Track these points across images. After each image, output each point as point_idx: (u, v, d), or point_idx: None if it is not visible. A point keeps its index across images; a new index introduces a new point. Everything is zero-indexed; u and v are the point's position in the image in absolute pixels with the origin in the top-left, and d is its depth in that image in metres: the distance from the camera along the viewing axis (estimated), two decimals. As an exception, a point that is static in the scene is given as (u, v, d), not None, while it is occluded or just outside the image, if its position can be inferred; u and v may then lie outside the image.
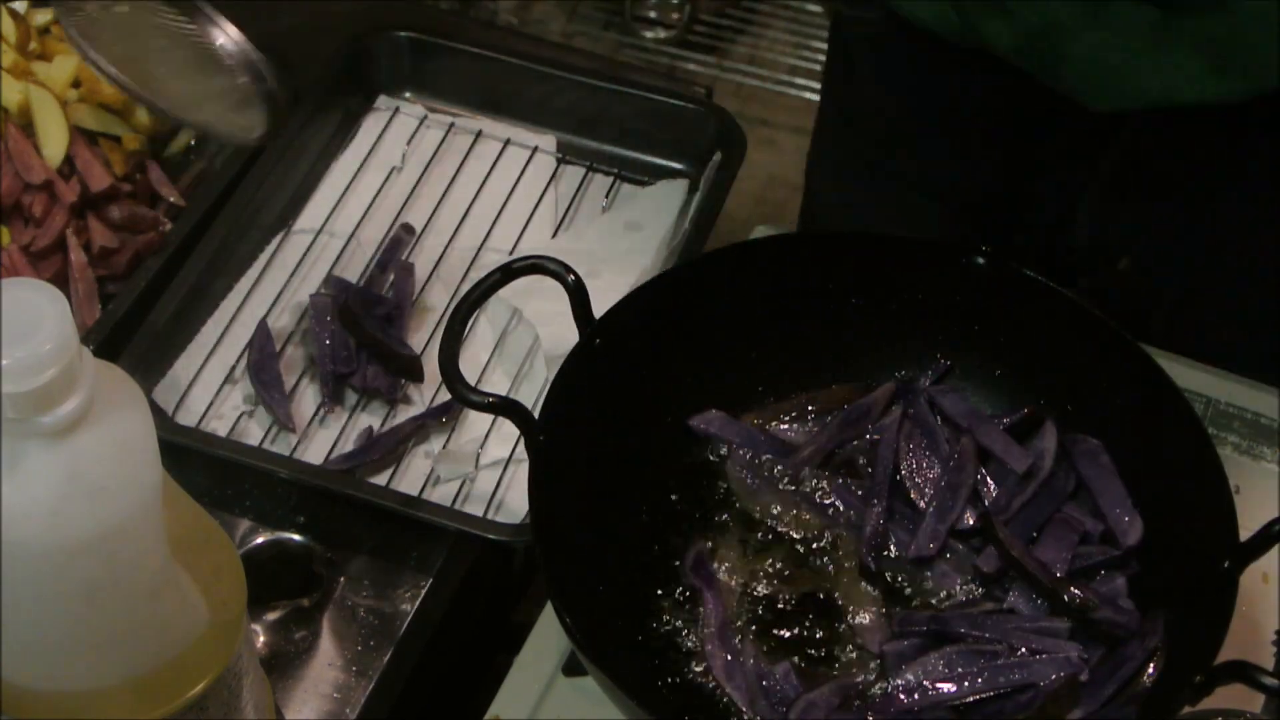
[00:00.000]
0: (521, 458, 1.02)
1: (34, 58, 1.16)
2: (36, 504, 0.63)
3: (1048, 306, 0.92)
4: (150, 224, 1.10)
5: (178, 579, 0.70)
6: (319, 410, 1.04)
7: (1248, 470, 1.00)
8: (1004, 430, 0.92)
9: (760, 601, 0.89)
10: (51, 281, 1.05)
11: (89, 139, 1.13)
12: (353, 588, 0.97)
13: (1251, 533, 0.81)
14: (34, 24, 1.18)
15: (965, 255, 0.93)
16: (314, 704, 0.93)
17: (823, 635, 0.87)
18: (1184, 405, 0.87)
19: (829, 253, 0.96)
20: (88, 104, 1.14)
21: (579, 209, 1.18)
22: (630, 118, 1.19)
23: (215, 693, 0.75)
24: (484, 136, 1.21)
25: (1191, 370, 1.04)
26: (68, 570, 0.65)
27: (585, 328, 0.90)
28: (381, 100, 1.22)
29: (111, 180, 1.10)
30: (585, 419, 0.89)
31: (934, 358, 0.96)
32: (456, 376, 0.85)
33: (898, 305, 0.95)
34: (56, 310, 0.61)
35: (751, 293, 0.95)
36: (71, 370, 0.61)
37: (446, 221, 1.16)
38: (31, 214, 1.08)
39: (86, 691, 0.70)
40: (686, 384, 0.94)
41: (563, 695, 0.91)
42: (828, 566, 0.90)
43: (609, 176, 1.19)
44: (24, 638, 0.68)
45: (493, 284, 0.87)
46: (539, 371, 1.06)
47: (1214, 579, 0.80)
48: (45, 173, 1.09)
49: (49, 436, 0.62)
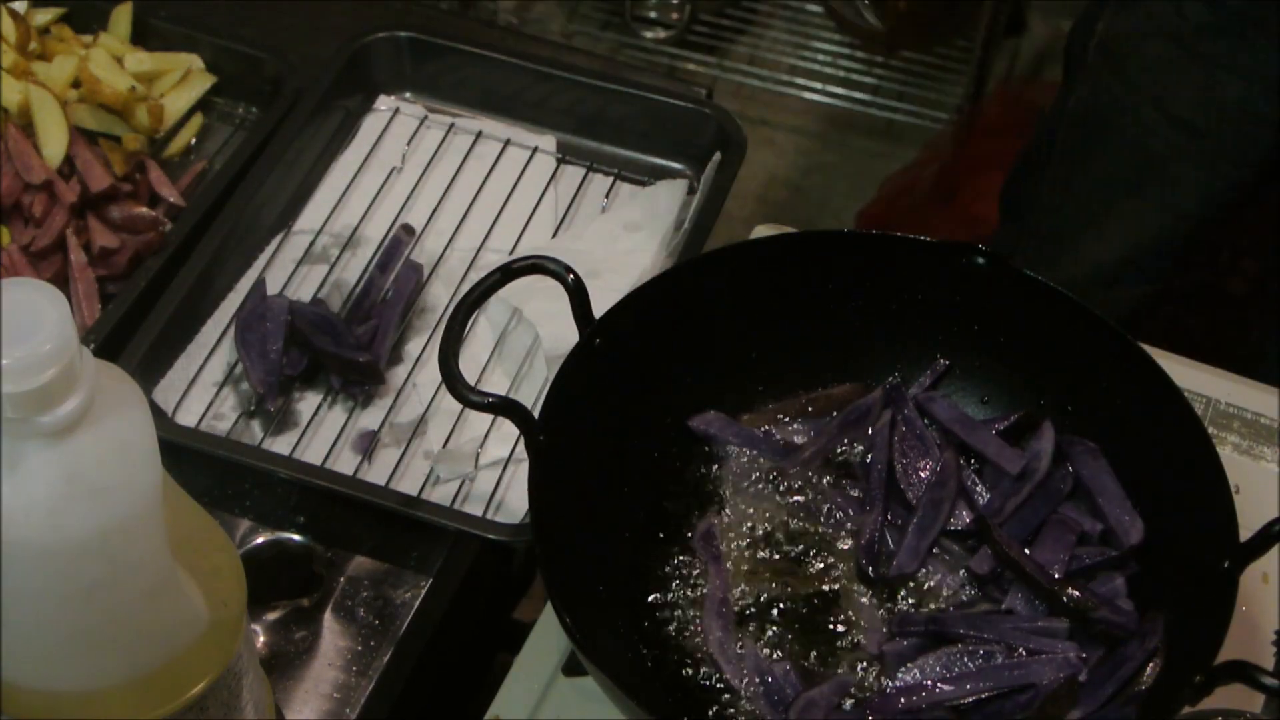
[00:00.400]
0: (521, 457, 1.02)
1: (34, 58, 1.16)
2: (36, 504, 0.63)
3: (1048, 307, 0.92)
4: (150, 224, 1.09)
5: (178, 579, 0.70)
6: (281, 404, 1.04)
7: (1248, 470, 1.00)
8: (997, 434, 0.92)
9: (759, 602, 0.89)
10: (51, 281, 1.05)
11: (89, 139, 1.13)
12: (353, 588, 0.97)
13: (1251, 532, 0.81)
14: (34, 24, 1.18)
15: (965, 255, 0.93)
16: (314, 704, 0.93)
17: (821, 636, 0.87)
18: (1184, 405, 0.87)
19: (829, 253, 0.96)
20: (87, 104, 1.14)
21: (578, 209, 1.18)
22: (630, 118, 1.19)
23: (215, 693, 0.75)
24: (484, 137, 1.21)
25: (1192, 370, 1.04)
26: (68, 570, 0.65)
27: (585, 328, 0.90)
28: (381, 100, 1.22)
29: (111, 180, 1.10)
30: (585, 419, 0.89)
31: (934, 358, 0.96)
32: (456, 376, 0.85)
33: (897, 305, 0.95)
34: (56, 310, 0.61)
35: (751, 293, 0.95)
36: (71, 370, 0.61)
37: (446, 222, 1.16)
38: (31, 214, 1.08)
39: (86, 691, 0.70)
40: (686, 384, 0.94)
41: (563, 695, 0.91)
42: (826, 568, 0.90)
43: (608, 177, 1.19)
44: (24, 638, 0.68)
45: (492, 284, 0.88)
46: (539, 371, 1.06)
47: (1214, 579, 0.80)
48: (45, 173, 1.09)
49: (49, 436, 0.62)
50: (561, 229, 1.16)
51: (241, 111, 1.22)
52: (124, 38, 1.20)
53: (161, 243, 1.09)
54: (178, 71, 1.19)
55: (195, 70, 1.20)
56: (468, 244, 1.14)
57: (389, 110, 1.22)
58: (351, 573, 0.98)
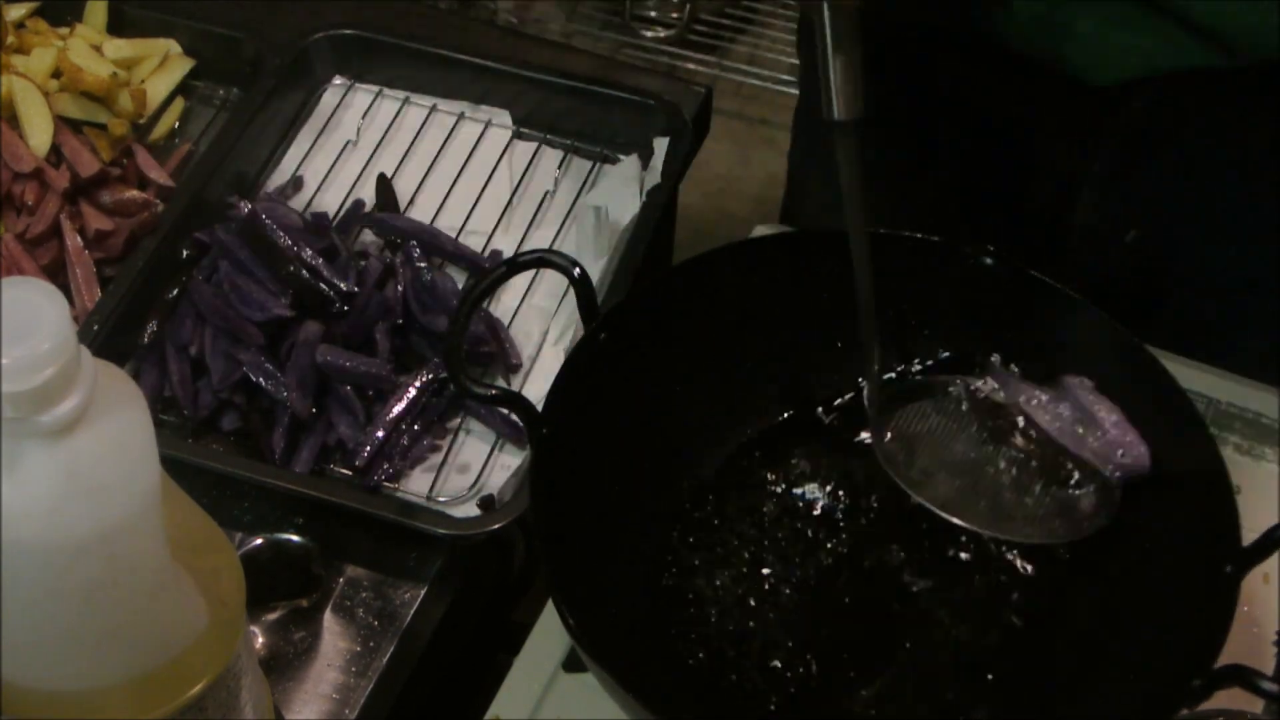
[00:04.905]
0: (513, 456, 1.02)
1: (12, 52, 1.16)
2: (35, 503, 0.63)
3: (1050, 306, 0.92)
4: (143, 206, 1.10)
5: (177, 579, 0.70)
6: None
7: (1248, 470, 1.00)
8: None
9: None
10: (49, 267, 1.06)
11: (73, 127, 1.13)
12: (352, 588, 0.97)
13: (1251, 533, 0.81)
14: (9, 18, 1.18)
15: (972, 255, 0.93)
16: (314, 704, 0.93)
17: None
18: (1187, 405, 0.87)
19: (829, 252, 0.96)
20: (69, 93, 1.14)
21: (529, 186, 1.18)
22: (574, 110, 1.19)
23: (214, 693, 0.74)
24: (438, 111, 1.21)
25: (1193, 370, 1.04)
26: (67, 570, 0.65)
27: (590, 322, 0.90)
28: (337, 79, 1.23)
29: (100, 165, 1.10)
30: (589, 413, 0.89)
31: (935, 357, 0.96)
32: (460, 369, 0.85)
33: (898, 304, 0.95)
34: (55, 309, 0.61)
35: (752, 292, 0.95)
36: (70, 369, 0.61)
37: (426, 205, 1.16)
38: (24, 203, 1.09)
39: (86, 691, 0.70)
40: (690, 381, 0.94)
41: (563, 694, 0.91)
42: (839, 551, 0.91)
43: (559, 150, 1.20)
44: (24, 638, 0.68)
45: (498, 277, 0.87)
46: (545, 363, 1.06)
47: (1215, 583, 0.80)
48: (34, 161, 1.09)
49: (48, 436, 0.62)
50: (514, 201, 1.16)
51: (222, 94, 1.23)
52: (100, 28, 1.21)
53: (156, 223, 1.09)
54: (156, 57, 1.20)
55: (174, 55, 1.21)
56: (446, 226, 1.15)
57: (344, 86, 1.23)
58: (351, 573, 0.98)
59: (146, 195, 1.11)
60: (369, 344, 1.03)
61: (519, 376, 1.06)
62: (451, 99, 1.22)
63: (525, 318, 1.09)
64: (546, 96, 1.20)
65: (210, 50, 1.22)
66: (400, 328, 1.04)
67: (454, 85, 1.21)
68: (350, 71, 1.23)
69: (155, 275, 1.06)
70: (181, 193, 1.11)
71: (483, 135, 1.20)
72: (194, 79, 1.22)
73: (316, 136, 1.19)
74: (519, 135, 1.20)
